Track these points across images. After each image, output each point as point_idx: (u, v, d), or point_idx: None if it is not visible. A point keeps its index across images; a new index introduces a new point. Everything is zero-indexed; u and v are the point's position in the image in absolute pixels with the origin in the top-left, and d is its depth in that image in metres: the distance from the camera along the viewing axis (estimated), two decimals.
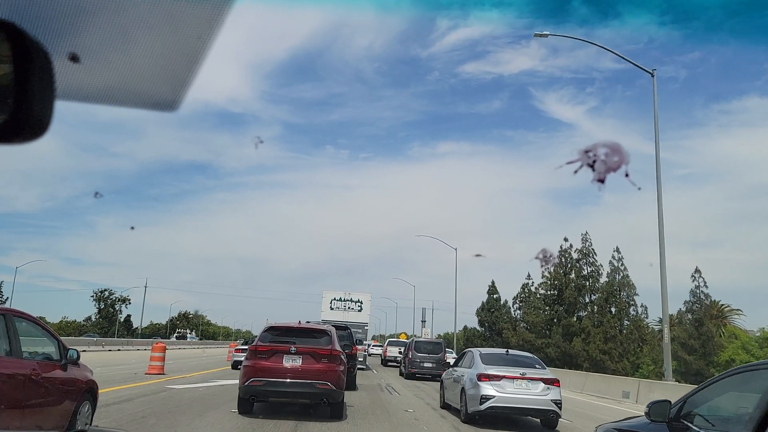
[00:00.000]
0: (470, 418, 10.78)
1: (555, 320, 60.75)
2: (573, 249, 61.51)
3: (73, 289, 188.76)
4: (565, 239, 64.55)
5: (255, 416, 9.84)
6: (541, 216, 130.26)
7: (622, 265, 55.31)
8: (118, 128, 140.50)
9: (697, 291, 43.06)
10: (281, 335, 10.21)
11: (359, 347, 20.93)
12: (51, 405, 6.16)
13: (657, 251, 17.29)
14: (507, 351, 12.43)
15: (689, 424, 3.79)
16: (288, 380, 9.56)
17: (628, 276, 54.71)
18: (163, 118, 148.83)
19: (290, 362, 9.66)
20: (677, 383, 18.86)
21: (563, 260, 64.18)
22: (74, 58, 1.21)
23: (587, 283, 58.34)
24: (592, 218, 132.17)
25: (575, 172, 1.28)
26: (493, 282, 79.64)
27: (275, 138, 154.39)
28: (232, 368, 22.00)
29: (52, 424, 6.09)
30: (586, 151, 1.28)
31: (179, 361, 28.54)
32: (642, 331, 52.61)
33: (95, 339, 47.57)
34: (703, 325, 40.34)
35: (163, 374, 18.07)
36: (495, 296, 78.85)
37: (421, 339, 28.90)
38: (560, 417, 10.91)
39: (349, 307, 33.39)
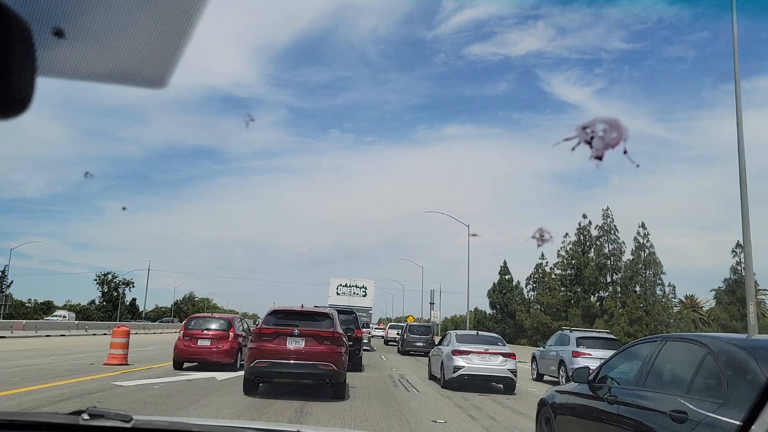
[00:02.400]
0: (447, 384, 13.25)
1: (573, 301, 57.27)
2: (593, 226, 57.86)
3: (81, 273, 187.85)
4: (584, 216, 60.88)
5: (260, 397, 10.00)
6: (549, 199, 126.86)
7: (648, 241, 51.54)
8: (123, 113, 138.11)
9: (739, 268, 39.08)
10: (284, 318, 10.34)
11: (364, 330, 21.16)
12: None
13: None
14: (477, 332, 15.19)
15: (602, 384, 5.11)
16: (292, 362, 9.75)
17: (654, 253, 50.95)
18: (167, 102, 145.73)
19: (293, 344, 9.85)
20: None
21: (581, 238, 60.52)
22: (59, 33, 1.14)
23: (609, 262, 54.67)
24: (599, 201, 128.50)
25: (573, 149, 1.21)
26: (505, 262, 75.83)
27: (281, 122, 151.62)
28: None
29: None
30: (584, 128, 1.22)
31: (164, 346, 25.22)
32: (669, 311, 49.04)
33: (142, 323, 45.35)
34: (746, 305, 36.53)
35: (126, 365, 14.68)
36: (507, 277, 75.06)
37: (414, 323, 32.62)
38: (516, 382, 13.45)
39: (354, 293, 34.46)
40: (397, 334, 34.57)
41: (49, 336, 29.94)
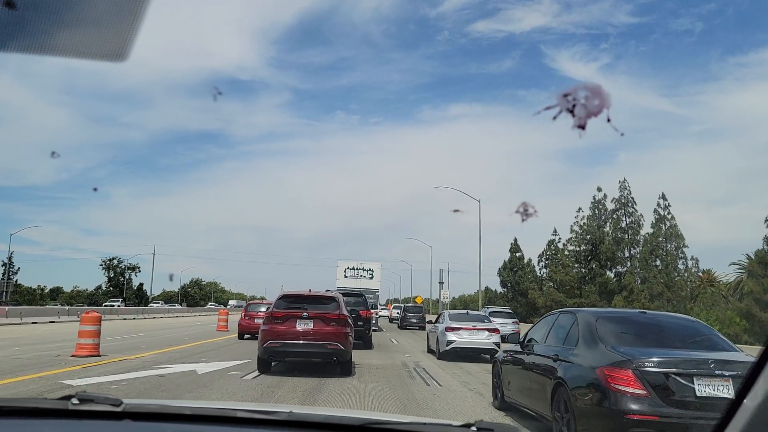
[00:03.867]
0: (442, 356, 15.22)
1: (588, 278, 54.91)
2: (608, 199, 55.16)
3: (90, 258, 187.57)
4: (599, 189, 58.12)
5: (274, 374, 10.35)
6: (556, 177, 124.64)
7: (669, 213, 48.83)
8: (127, 98, 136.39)
9: None
10: (294, 302, 10.84)
11: (372, 311, 21.63)
12: None
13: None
14: (467, 312, 17.52)
15: (528, 344, 7.17)
16: (301, 342, 10.23)
17: (676, 225, 48.28)
18: (171, 87, 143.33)
19: (303, 326, 10.33)
20: None
21: (596, 212, 57.95)
22: (9, 4, 1.10)
23: (626, 236, 52.09)
24: (607, 178, 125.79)
25: (554, 118, 1.17)
26: (515, 240, 73.34)
27: (285, 105, 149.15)
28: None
29: None
30: (565, 95, 1.17)
31: (156, 332, 23.25)
32: (692, 284, 46.48)
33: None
34: None
35: (97, 356, 12.61)
36: (518, 255, 72.64)
37: (409, 305, 40.04)
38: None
39: (361, 275, 35.16)
40: (398, 313, 40.88)
41: (35, 323, 28.03)
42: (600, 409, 4.95)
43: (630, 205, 52.92)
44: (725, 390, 4.76)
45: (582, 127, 1.16)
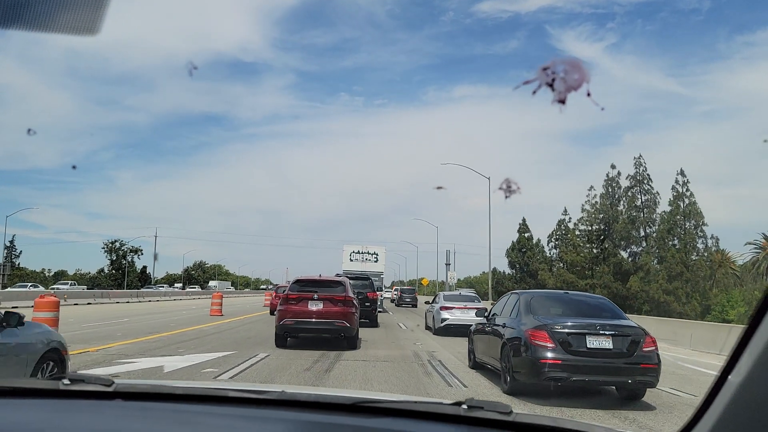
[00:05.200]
0: (437, 332, 17.24)
1: (601, 258, 52.87)
2: (622, 176, 52.80)
3: (95, 242, 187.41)
4: (612, 166, 55.70)
5: (291, 348, 11.56)
6: (561, 158, 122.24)
7: (688, 190, 46.44)
8: (130, 81, 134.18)
9: None
10: (306, 286, 12.26)
11: (378, 293, 22.44)
12: None
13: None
14: (460, 293, 20.79)
15: (492, 317, 9.03)
16: (313, 320, 11.68)
17: (695, 203, 45.96)
18: (173, 69, 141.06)
19: (314, 306, 11.74)
20: None
21: (610, 190, 55.65)
22: None
23: (641, 214, 49.84)
24: (612, 158, 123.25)
25: (534, 92, 1.16)
26: (524, 220, 71.06)
27: (289, 86, 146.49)
28: None
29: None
30: (544, 69, 1.16)
31: (138, 318, 21.41)
32: (713, 263, 44.27)
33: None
34: None
35: None
36: (526, 235, 70.52)
37: (405, 287, 47.30)
38: None
39: (366, 259, 35.92)
40: (396, 294, 48.46)
41: (16, 308, 26.23)
42: (525, 357, 7.16)
43: (645, 182, 50.53)
44: (606, 343, 6.96)
45: (562, 101, 1.13)
